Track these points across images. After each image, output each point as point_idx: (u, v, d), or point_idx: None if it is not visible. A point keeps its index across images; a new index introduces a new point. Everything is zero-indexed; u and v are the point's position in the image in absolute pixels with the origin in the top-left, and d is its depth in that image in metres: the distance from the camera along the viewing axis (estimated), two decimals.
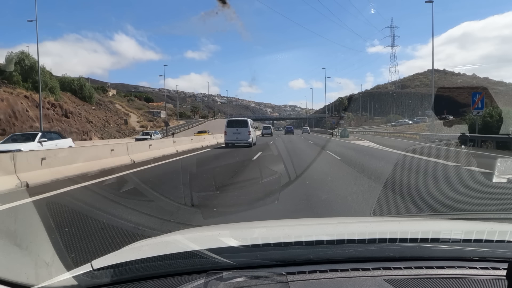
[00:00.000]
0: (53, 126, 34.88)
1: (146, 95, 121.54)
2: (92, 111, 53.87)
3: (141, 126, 62.39)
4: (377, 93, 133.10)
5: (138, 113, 72.70)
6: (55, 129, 31.55)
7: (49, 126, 34.23)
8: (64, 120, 38.67)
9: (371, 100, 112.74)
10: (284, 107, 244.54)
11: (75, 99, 52.69)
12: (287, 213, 5.11)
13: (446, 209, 5.23)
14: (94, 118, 51.10)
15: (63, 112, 39.23)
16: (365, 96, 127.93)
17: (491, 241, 1.46)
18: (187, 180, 8.47)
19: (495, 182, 6.91)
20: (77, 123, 41.32)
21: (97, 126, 49.63)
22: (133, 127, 59.95)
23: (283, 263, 1.31)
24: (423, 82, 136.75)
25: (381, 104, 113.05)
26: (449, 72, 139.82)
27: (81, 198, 6.66)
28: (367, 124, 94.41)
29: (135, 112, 71.77)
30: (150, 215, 4.97)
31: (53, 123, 36.00)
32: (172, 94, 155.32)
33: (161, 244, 1.71)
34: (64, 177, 8.75)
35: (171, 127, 62.31)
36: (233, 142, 21.46)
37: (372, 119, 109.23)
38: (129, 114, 67.49)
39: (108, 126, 53.00)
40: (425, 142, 27.02)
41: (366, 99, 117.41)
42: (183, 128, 59.71)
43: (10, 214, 5.18)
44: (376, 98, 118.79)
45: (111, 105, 65.03)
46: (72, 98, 52.07)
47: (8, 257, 1.54)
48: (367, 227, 1.96)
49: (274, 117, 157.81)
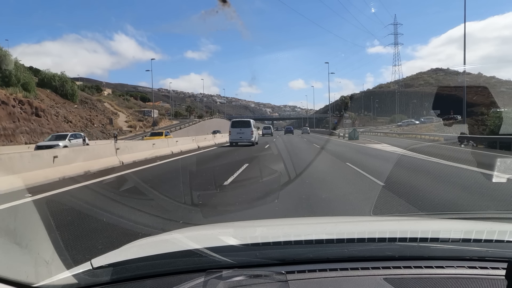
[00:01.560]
0: (19, 126, 31.31)
1: (143, 94, 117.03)
2: (74, 110, 49.68)
3: (129, 126, 58.65)
4: (379, 93, 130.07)
5: (127, 112, 67.33)
6: (21, 129, 30.52)
7: (13, 126, 30.64)
8: (34, 119, 34.49)
9: (374, 99, 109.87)
10: (284, 107, 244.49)
11: (55, 97, 48.42)
12: (286, 212, 5.10)
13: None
14: (75, 118, 46.98)
15: (33, 110, 35.06)
16: (368, 95, 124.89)
17: (490, 240, 1.46)
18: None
19: None
20: (51, 123, 37.01)
21: (77, 126, 44.97)
22: (120, 127, 55.86)
23: (283, 262, 1.31)
24: (427, 81, 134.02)
25: (384, 103, 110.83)
26: (453, 71, 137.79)
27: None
28: (370, 124, 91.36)
29: (124, 112, 66.45)
30: (150, 213, 4.98)
31: (19, 122, 31.78)
32: (171, 94, 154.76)
33: (161, 242, 1.71)
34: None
35: (163, 127, 58.01)
36: (236, 141, 22.61)
37: (375, 119, 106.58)
38: (117, 113, 62.82)
39: (91, 126, 48.74)
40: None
41: (368, 99, 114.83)
42: (174, 129, 54.99)
43: (10, 212, 5.18)
44: (379, 97, 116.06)
45: (99, 104, 60.66)
46: (51, 95, 47.99)
47: (8, 256, 1.54)
48: (366, 226, 1.96)
49: (273, 117, 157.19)
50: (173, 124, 64.57)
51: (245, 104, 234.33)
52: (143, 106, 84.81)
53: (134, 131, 55.67)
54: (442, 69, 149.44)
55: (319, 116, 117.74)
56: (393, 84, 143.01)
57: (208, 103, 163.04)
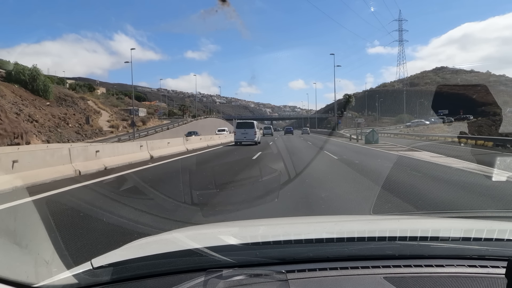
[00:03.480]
0: None
1: (138, 93, 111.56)
2: (46, 108, 43.85)
3: (110, 126, 52.66)
4: (383, 92, 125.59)
5: (111, 111, 60.85)
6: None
7: None
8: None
9: (378, 99, 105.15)
10: (284, 108, 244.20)
11: (23, 93, 42.94)
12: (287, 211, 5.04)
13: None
14: (44, 117, 41.25)
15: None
16: (371, 94, 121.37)
17: (490, 239, 1.46)
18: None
19: None
20: (4, 123, 30.40)
21: (45, 126, 39.54)
22: (100, 127, 50.42)
23: (283, 261, 1.31)
24: (433, 79, 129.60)
25: (388, 103, 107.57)
26: (460, 70, 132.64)
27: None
28: (374, 125, 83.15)
29: (109, 110, 59.98)
30: (150, 213, 4.97)
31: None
32: (170, 94, 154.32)
33: (161, 242, 1.71)
34: None
35: (151, 127, 53.95)
36: (241, 140, 24.37)
37: (379, 119, 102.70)
38: (100, 112, 56.86)
39: (65, 126, 43.40)
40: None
41: (371, 98, 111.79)
42: (160, 129, 49.67)
43: (9, 212, 5.17)
44: (383, 97, 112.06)
45: (81, 102, 54.98)
46: (19, 91, 42.57)
47: (8, 256, 1.54)
48: (366, 225, 1.96)
49: (273, 116, 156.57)
50: (162, 124, 59.27)
51: (245, 104, 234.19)
52: (136, 105, 77.68)
53: (116, 132, 50.54)
54: (448, 67, 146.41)
55: (320, 116, 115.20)
56: (397, 83, 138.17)
57: (207, 103, 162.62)
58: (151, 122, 62.36)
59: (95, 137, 45.19)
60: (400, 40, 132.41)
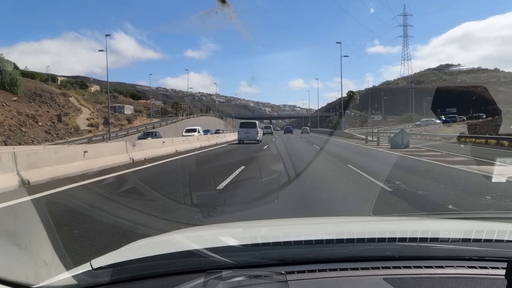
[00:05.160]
0: None
1: (133, 91, 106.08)
2: (12, 104, 38.88)
3: (89, 124, 47.12)
4: (387, 90, 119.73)
5: (94, 108, 55.20)
6: None
7: None
8: None
9: (383, 97, 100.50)
10: (283, 107, 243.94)
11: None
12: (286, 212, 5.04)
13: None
14: (7, 114, 36.64)
15: None
16: (374, 92, 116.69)
17: (490, 240, 1.46)
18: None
19: None
20: None
21: (5, 124, 34.78)
22: (77, 125, 45.29)
23: (283, 262, 1.31)
24: (439, 77, 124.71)
25: (392, 101, 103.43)
26: (466, 68, 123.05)
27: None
28: (380, 124, 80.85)
29: (91, 107, 54.72)
30: (149, 214, 4.97)
31: None
32: (170, 93, 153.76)
33: (160, 243, 1.71)
34: None
35: (136, 126, 49.56)
36: (244, 139, 26.38)
37: (385, 118, 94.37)
38: (80, 109, 51.57)
39: (33, 125, 38.37)
40: None
41: (374, 97, 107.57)
42: (144, 128, 44.58)
43: (9, 213, 5.16)
44: (386, 95, 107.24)
45: (60, 98, 49.69)
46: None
47: (7, 257, 1.54)
48: (366, 226, 1.96)
49: (272, 115, 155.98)
50: (149, 123, 54.41)
51: (244, 103, 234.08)
52: (130, 103, 72.27)
53: (95, 131, 45.49)
54: (453, 65, 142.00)
55: (321, 115, 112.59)
56: (401, 80, 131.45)
57: (206, 102, 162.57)
58: (138, 121, 57.39)
59: (69, 137, 40.45)
60: (405, 35, 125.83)
